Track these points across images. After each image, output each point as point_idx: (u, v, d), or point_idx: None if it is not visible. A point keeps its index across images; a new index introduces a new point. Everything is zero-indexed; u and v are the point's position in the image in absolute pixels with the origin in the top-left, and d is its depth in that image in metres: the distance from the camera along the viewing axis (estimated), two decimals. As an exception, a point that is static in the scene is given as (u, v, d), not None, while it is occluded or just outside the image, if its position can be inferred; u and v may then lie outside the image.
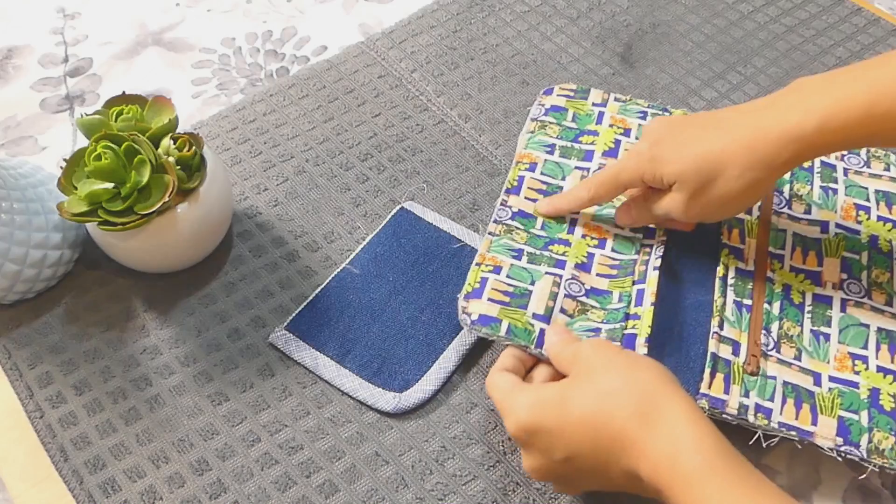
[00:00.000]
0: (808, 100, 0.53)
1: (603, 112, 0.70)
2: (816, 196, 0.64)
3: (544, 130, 0.69)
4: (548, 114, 0.70)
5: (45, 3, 0.90)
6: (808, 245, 0.62)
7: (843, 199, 0.64)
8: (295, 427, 0.57)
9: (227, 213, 0.64)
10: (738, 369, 0.55)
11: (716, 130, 0.55)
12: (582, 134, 0.69)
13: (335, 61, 0.80)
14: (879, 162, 0.67)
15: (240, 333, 0.62)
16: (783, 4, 0.84)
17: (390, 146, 0.73)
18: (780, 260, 0.61)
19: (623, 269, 0.60)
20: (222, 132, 0.74)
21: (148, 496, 0.54)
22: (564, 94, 0.72)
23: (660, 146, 0.57)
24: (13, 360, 0.61)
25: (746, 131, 0.54)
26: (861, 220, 0.63)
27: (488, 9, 0.84)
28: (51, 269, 0.62)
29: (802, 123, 0.52)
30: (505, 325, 0.55)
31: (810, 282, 0.60)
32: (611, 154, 0.67)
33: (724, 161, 0.54)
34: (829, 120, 0.51)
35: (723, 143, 0.54)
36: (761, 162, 0.53)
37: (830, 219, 0.63)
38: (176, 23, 0.88)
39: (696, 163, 0.55)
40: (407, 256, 0.64)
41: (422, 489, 0.54)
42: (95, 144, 0.58)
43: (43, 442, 0.57)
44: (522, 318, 0.56)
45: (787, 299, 0.59)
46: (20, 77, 0.83)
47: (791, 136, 0.52)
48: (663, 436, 0.45)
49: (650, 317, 0.56)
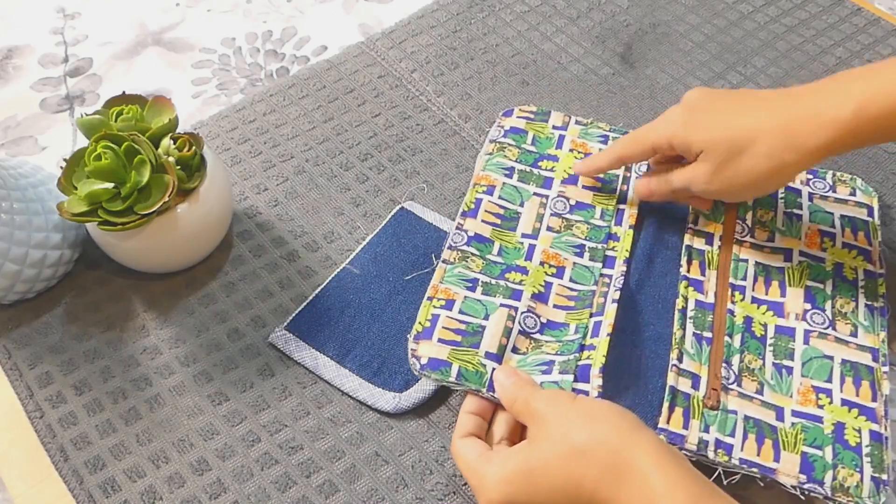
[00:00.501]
0: (848, 86, 0.52)
1: (563, 136, 0.69)
2: (780, 223, 0.63)
3: (503, 152, 0.67)
4: (507, 136, 0.68)
5: (45, 3, 0.90)
6: (770, 275, 0.60)
7: (808, 226, 0.63)
8: (295, 427, 0.57)
9: (227, 213, 0.64)
10: (698, 403, 0.53)
11: (754, 107, 0.55)
12: (541, 158, 0.67)
13: (335, 61, 0.80)
14: (845, 186, 0.66)
15: (240, 333, 0.62)
16: (783, 4, 0.84)
17: (390, 146, 0.73)
18: (741, 291, 0.59)
19: (581, 300, 0.59)
20: (222, 132, 0.74)
21: (148, 496, 0.54)
22: (525, 115, 0.70)
23: (694, 113, 0.56)
24: (13, 360, 0.61)
25: (783, 111, 0.53)
26: (826, 247, 0.62)
27: (488, 9, 0.84)
28: (51, 269, 0.62)
29: (839, 108, 0.51)
30: (455, 369, 0.54)
31: (773, 313, 0.58)
32: (570, 181, 0.65)
33: (756, 137, 0.53)
34: (867, 106, 0.51)
35: (758, 119, 0.54)
36: (793, 144, 0.53)
37: (794, 246, 0.62)
38: (176, 23, 0.88)
39: (727, 133, 0.54)
40: (407, 256, 0.64)
41: (422, 489, 0.54)
42: (95, 144, 0.58)
43: (43, 442, 0.57)
44: (474, 360, 0.54)
45: (748, 331, 0.57)
46: (20, 77, 0.83)
47: (826, 120, 0.52)
48: (636, 490, 0.43)
49: (605, 347, 0.54)
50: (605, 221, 0.63)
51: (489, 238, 0.62)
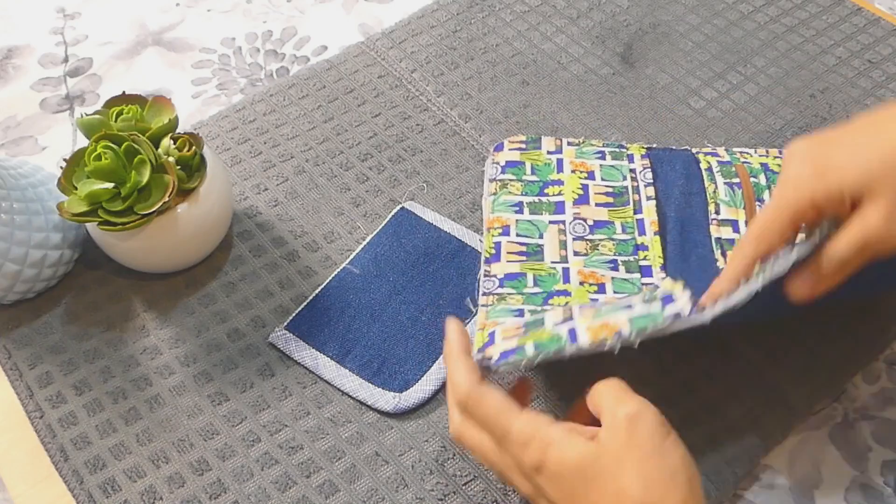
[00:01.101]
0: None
1: (561, 159, 0.68)
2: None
3: (507, 189, 0.66)
4: (505, 171, 0.67)
5: (45, 3, 0.90)
6: None
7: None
8: (295, 427, 0.57)
9: (227, 213, 0.64)
10: None
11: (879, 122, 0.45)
12: (546, 185, 0.66)
13: (335, 61, 0.80)
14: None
15: (240, 333, 0.62)
16: (783, 4, 0.84)
17: (390, 146, 0.73)
18: None
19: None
20: (222, 132, 0.74)
21: (148, 496, 0.54)
22: (516, 147, 0.69)
23: (822, 158, 0.45)
24: (13, 360, 0.61)
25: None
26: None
27: (488, 9, 0.84)
28: (51, 269, 0.62)
29: None
30: (531, 345, 0.50)
31: None
32: (582, 202, 0.65)
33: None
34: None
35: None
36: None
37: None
38: (176, 23, 0.88)
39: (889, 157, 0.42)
40: (407, 256, 0.64)
41: (422, 489, 0.54)
42: (95, 144, 0.58)
43: (43, 442, 0.57)
44: (545, 333, 0.51)
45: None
46: (20, 77, 0.83)
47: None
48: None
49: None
50: (629, 234, 0.63)
51: (520, 272, 0.61)
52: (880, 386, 0.59)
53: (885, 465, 0.56)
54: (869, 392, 0.59)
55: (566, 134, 0.73)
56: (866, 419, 0.58)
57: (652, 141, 0.72)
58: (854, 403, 0.58)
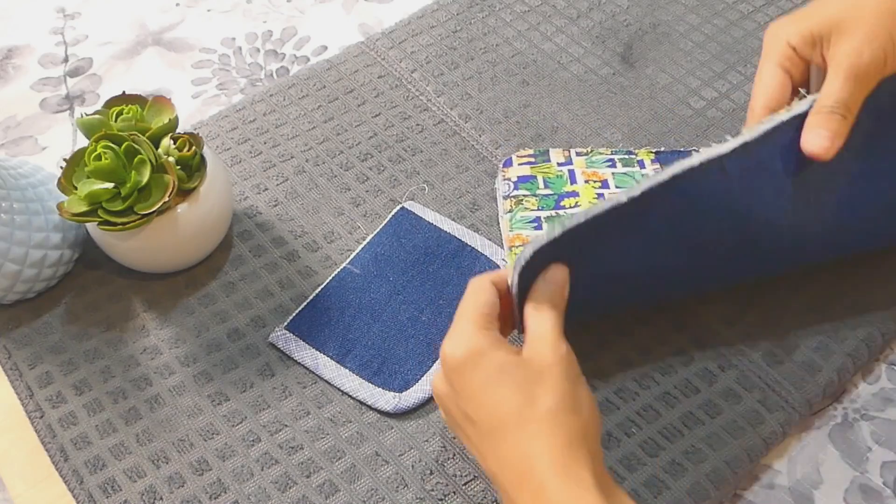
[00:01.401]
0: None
1: (573, 170, 0.68)
2: None
3: (522, 205, 0.66)
4: (518, 187, 0.67)
5: (45, 3, 0.90)
6: None
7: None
8: (295, 427, 0.57)
9: (227, 213, 0.64)
10: None
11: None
12: (562, 198, 0.66)
13: (335, 61, 0.80)
14: None
15: (240, 333, 0.62)
16: (783, 4, 0.84)
17: (390, 146, 0.73)
18: None
19: None
20: (222, 132, 0.74)
21: (148, 496, 0.54)
22: (525, 161, 0.69)
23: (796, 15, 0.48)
24: (13, 360, 0.61)
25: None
26: None
27: (488, 9, 0.84)
28: (51, 269, 0.62)
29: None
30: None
31: None
32: None
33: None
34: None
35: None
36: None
37: None
38: (176, 23, 0.88)
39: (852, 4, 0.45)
40: (407, 256, 0.64)
41: (422, 489, 0.54)
42: (95, 144, 0.58)
43: (43, 442, 0.57)
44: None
45: None
46: (20, 77, 0.83)
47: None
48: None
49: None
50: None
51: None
52: (880, 386, 0.59)
53: (885, 465, 0.56)
54: (869, 392, 0.59)
55: (566, 133, 0.73)
56: (866, 419, 0.58)
57: (652, 141, 0.72)
58: (854, 403, 0.59)
